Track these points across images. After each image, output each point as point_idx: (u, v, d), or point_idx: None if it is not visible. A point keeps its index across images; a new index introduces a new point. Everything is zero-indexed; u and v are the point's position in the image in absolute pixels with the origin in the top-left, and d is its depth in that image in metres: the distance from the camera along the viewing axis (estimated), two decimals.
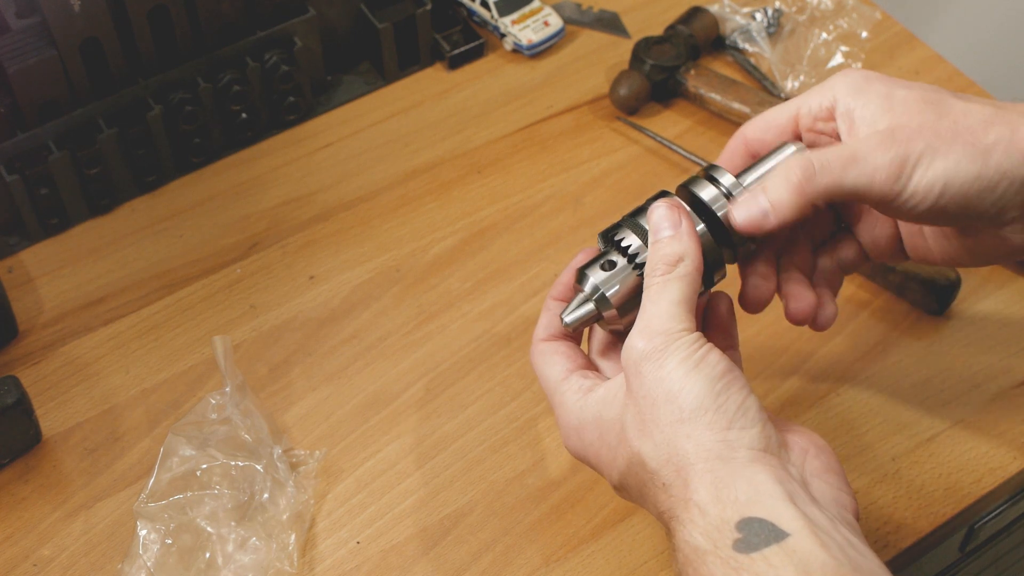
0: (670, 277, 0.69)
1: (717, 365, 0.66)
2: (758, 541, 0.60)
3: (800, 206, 0.70)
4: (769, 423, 0.66)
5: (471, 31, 1.16)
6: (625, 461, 0.68)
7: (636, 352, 0.67)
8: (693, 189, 0.73)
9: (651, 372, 0.66)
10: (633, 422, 0.67)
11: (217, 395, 0.86)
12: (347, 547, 0.84)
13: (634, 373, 0.67)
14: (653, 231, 0.71)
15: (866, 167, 0.69)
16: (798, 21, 1.16)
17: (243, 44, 1.04)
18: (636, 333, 0.68)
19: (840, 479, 0.67)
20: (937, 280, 0.93)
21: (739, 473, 0.63)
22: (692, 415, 0.65)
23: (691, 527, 0.63)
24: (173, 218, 1.04)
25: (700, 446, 0.64)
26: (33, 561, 0.84)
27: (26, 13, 0.97)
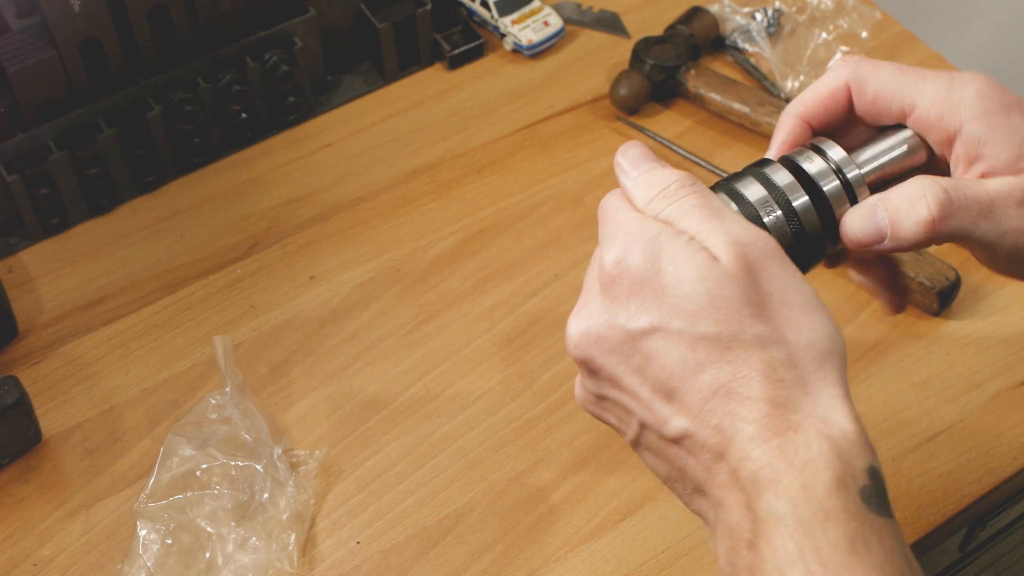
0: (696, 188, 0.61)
1: None
2: (876, 496, 0.56)
3: (923, 241, 0.63)
4: None
5: (471, 31, 1.16)
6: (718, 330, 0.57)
7: (755, 247, 0.58)
8: (798, 160, 0.65)
9: (779, 272, 0.58)
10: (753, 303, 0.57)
11: (217, 395, 0.86)
12: (347, 547, 0.84)
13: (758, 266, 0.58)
14: (626, 172, 0.63)
15: (1000, 225, 0.64)
16: (798, 21, 1.16)
17: (243, 44, 1.04)
18: (739, 228, 0.58)
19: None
20: (937, 280, 0.93)
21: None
22: (829, 352, 0.57)
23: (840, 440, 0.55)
24: (173, 218, 1.04)
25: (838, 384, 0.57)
26: (33, 561, 0.84)
27: (26, 13, 0.97)
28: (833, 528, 0.54)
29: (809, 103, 0.69)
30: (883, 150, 0.67)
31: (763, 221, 0.63)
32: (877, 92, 0.67)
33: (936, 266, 0.94)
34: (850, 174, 0.64)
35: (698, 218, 0.59)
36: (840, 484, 0.55)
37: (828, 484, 0.54)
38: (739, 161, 1.06)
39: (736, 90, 1.08)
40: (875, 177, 0.66)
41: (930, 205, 0.62)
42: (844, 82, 0.68)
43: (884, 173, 0.67)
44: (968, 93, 0.66)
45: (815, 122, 0.69)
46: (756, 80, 1.13)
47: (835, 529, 0.54)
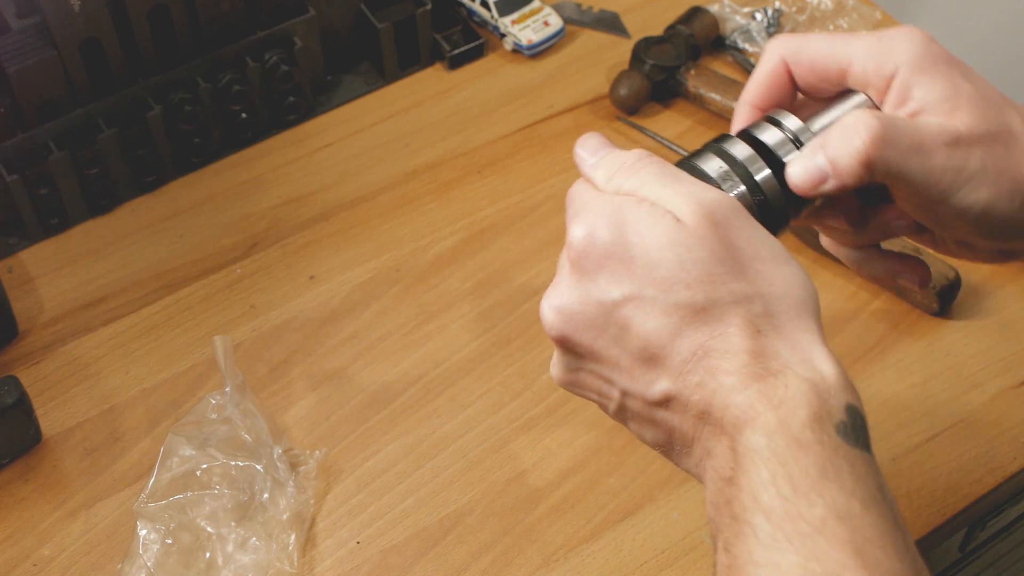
0: (651, 158, 0.62)
1: None
2: (856, 435, 0.57)
3: (862, 175, 0.64)
4: None
5: (471, 31, 1.16)
6: (710, 291, 0.58)
7: (719, 206, 0.59)
8: (755, 133, 0.65)
9: (745, 229, 0.59)
10: (725, 261, 0.58)
11: (217, 395, 0.86)
12: (347, 547, 0.84)
13: (726, 225, 0.59)
14: (585, 160, 0.64)
15: (927, 163, 0.65)
16: (798, 21, 1.16)
17: (243, 44, 1.04)
18: (699, 190, 0.59)
19: None
20: (937, 280, 0.93)
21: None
22: (805, 302, 0.59)
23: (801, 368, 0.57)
24: (173, 218, 1.04)
25: (814, 331, 0.59)
26: (33, 561, 0.84)
27: (26, 13, 0.97)
28: (805, 456, 0.55)
29: (754, 89, 0.70)
30: (836, 115, 0.67)
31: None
32: (813, 60, 0.68)
33: (936, 266, 0.94)
34: (806, 141, 0.65)
35: (659, 184, 0.60)
36: (816, 419, 0.56)
37: (804, 419, 0.56)
38: None
39: (736, 90, 1.08)
40: None
41: (863, 137, 0.63)
42: (780, 58, 0.69)
43: None
44: (899, 42, 0.67)
45: (765, 105, 0.70)
46: None
47: (807, 457, 0.55)
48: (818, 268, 0.98)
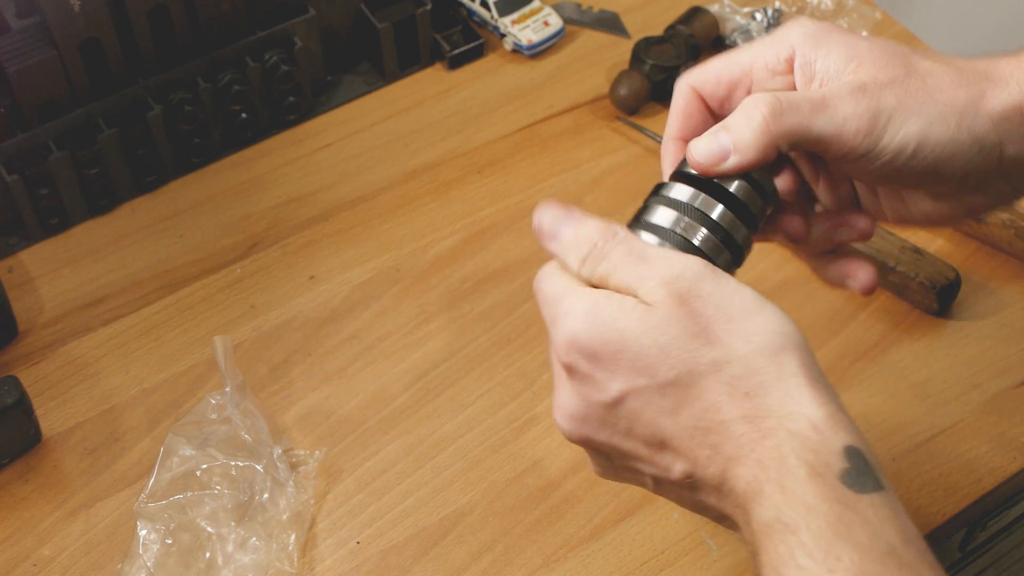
0: (621, 236, 0.63)
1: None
2: (863, 481, 0.57)
3: (764, 147, 0.64)
4: None
5: (471, 31, 1.16)
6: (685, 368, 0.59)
7: (684, 279, 0.60)
8: (687, 170, 0.66)
9: (713, 292, 0.60)
10: (697, 334, 0.59)
11: (217, 395, 0.86)
12: (347, 547, 0.84)
13: (692, 294, 0.60)
14: (551, 237, 0.64)
15: (836, 115, 0.65)
16: None
17: (243, 44, 1.04)
18: (663, 265, 0.61)
19: None
20: (937, 280, 0.93)
21: (838, 401, 0.61)
22: (783, 334, 0.60)
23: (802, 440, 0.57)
24: (173, 218, 1.04)
25: (802, 365, 0.59)
26: (33, 561, 0.84)
27: (26, 13, 0.97)
28: (816, 519, 0.55)
29: (674, 123, 0.71)
30: None
31: (693, 244, 0.64)
32: (717, 76, 0.70)
33: (936, 266, 0.94)
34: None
35: (628, 268, 0.61)
36: (815, 475, 0.56)
37: (803, 479, 0.56)
38: None
39: None
40: None
41: (761, 110, 0.64)
42: (688, 88, 0.70)
43: None
44: (792, 29, 0.69)
45: (688, 136, 0.70)
46: None
47: (818, 520, 0.55)
48: None
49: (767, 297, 0.65)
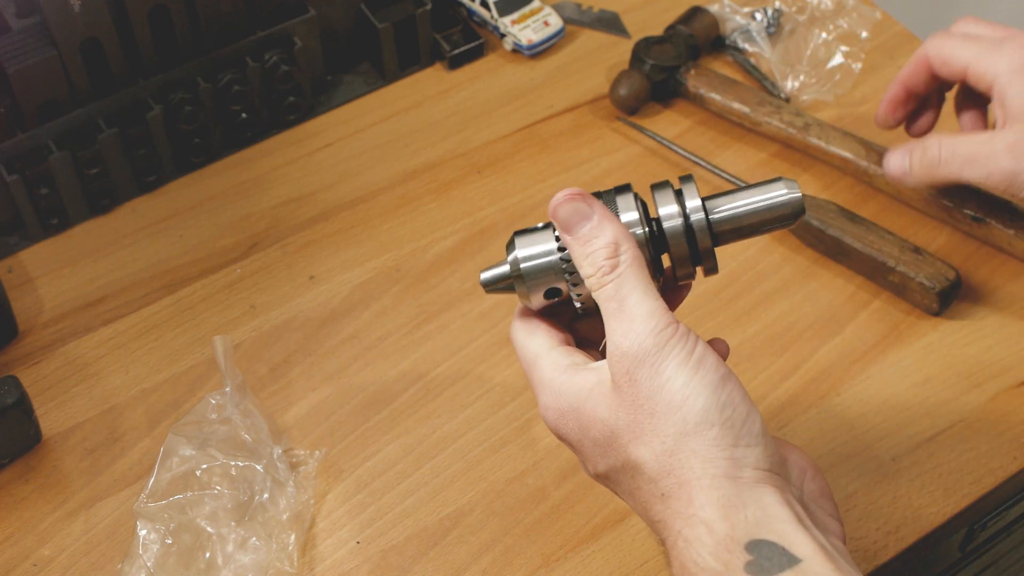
0: (621, 270, 0.65)
1: (717, 369, 0.63)
2: (771, 565, 0.59)
3: (924, 183, 0.91)
4: (771, 440, 0.64)
5: (471, 31, 1.16)
6: (617, 462, 0.66)
7: (628, 357, 0.64)
8: (656, 197, 0.69)
9: (647, 379, 0.63)
10: (627, 428, 0.64)
11: (217, 395, 0.86)
12: (347, 547, 0.84)
13: (627, 380, 0.64)
14: (566, 227, 0.67)
15: (984, 169, 0.85)
16: (798, 21, 1.16)
17: (243, 44, 1.04)
18: (620, 336, 0.64)
19: (832, 504, 0.67)
20: (937, 280, 0.93)
21: (747, 493, 0.61)
22: (697, 428, 0.62)
23: (698, 545, 0.61)
24: (173, 218, 1.04)
25: (707, 462, 0.62)
26: (33, 561, 0.84)
27: (26, 13, 0.97)
28: None
29: (904, 72, 0.95)
30: (748, 198, 0.70)
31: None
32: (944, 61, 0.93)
33: (936, 266, 0.94)
34: (697, 227, 0.68)
35: (610, 312, 0.66)
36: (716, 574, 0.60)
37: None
38: (738, 161, 1.06)
39: (736, 90, 1.08)
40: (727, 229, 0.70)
41: (928, 154, 0.89)
42: (924, 56, 0.94)
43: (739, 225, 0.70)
44: (1004, 50, 0.89)
45: (909, 86, 0.96)
46: (756, 80, 1.13)
47: None
48: (817, 268, 0.99)
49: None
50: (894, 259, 0.94)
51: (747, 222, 0.69)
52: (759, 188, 0.69)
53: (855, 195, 1.03)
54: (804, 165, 1.06)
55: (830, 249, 0.98)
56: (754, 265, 0.99)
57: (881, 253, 0.95)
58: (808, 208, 0.98)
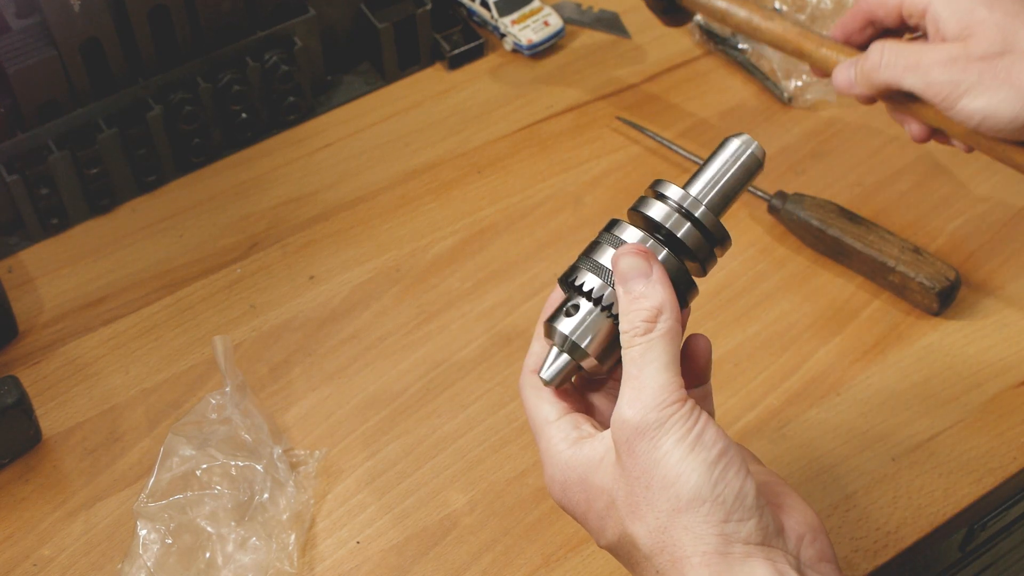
0: (653, 337, 0.66)
1: (715, 445, 0.64)
2: None
3: (869, 89, 0.88)
4: (767, 510, 0.64)
5: (471, 31, 1.16)
6: (615, 536, 0.67)
7: (629, 427, 0.64)
8: (644, 211, 0.70)
9: (645, 452, 0.64)
10: (625, 501, 0.65)
11: (217, 395, 0.86)
12: (347, 547, 0.84)
13: (627, 450, 0.65)
14: (622, 280, 0.67)
15: (923, 78, 0.84)
16: (799, 20, 1.16)
17: (243, 44, 1.04)
18: (626, 404, 0.65)
19: (832, 567, 0.67)
20: (937, 280, 0.93)
21: (737, 568, 0.62)
22: (689, 505, 0.63)
23: None
24: (173, 218, 1.04)
25: (697, 539, 0.62)
26: (33, 561, 0.84)
27: (26, 13, 0.97)
28: None
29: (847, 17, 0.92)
30: (716, 167, 0.71)
31: None
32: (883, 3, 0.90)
33: (936, 266, 0.94)
34: (688, 206, 0.69)
35: (626, 375, 0.66)
36: None
37: None
38: None
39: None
40: (717, 200, 0.71)
41: (866, 61, 0.88)
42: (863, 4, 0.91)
43: (724, 192, 0.71)
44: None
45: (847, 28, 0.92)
46: (758, 80, 1.13)
47: None
48: (818, 268, 0.99)
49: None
50: (894, 259, 0.94)
51: (730, 187, 0.71)
52: (721, 154, 0.72)
53: (855, 195, 1.03)
54: (802, 167, 1.06)
55: (830, 249, 0.98)
56: (754, 265, 0.99)
57: (881, 253, 0.95)
58: (808, 208, 0.98)
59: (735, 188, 0.71)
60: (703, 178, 0.71)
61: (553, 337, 0.69)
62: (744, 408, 0.90)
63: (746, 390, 0.91)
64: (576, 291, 0.69)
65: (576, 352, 0.69)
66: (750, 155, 0.71)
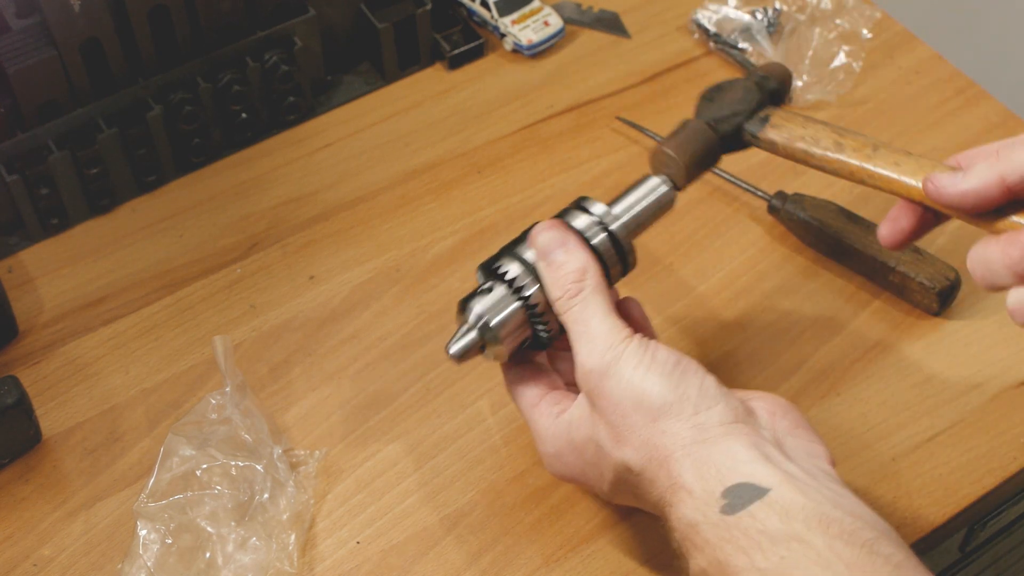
0: (585, 294, 0.73)
1: (668, 359, 0.71)
2: (742, 502, 0.64)
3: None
4: (732, 394, 0.70)
5: (471, 31, 1.16)
6: (612, 472, 0.73)
7: (593, 375, 0.71)
8: (567, 220, 0.77)
9: (611, 386, 0.71)
10: (607, 436, 0.71)
11: (217, 395, 0.86)
12: (347, 547, 0.84)
13: (597, 394, 0.71)
14: (543, 254, 0.75)
15: None
16: (798, 20, 1.16)
17: (243, 44, 1.04)
18: (584, 356, 0.72)
19: (809, 432, 0.71)
20: (937, 280, 0.93)
21: (715, 448, 0.67)
22: (660, 411, 0.69)
23: (681, 506, 0.67)
24: (173, 218, 1.04)
25: (675, 437, 0.68)
26: (33, 561, 0.84)
27: (26, 13, 0.97)
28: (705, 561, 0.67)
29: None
30: (636, 196, 0.81)
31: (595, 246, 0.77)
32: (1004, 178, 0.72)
33: (936, 266, 0.94)
34: (609, 223, 0.77)
35: (575, 334, 0.73)
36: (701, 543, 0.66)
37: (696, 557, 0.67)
38: (738, 161, 1.06)
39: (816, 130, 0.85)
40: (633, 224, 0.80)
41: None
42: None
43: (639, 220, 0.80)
44: None
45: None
46: None
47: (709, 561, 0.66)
48: (818, 268, 0.99)
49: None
50: (894, 259, 0.94)
51: (644, 218, 0.80)
52: (641, 188, 0.81)
53: (855, 195, 1.03)
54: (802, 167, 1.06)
55: (830, 249, 0.98)
56: (754, 265, 0.99)
57: (881, 253, 0.95)
58: (808, 208, 0.98)
59: (648, 220, 0.80)
60: (624, 202, 0.80)
61: (467, 314, 0.76)
62: None
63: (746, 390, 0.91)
64: (495, 276, 0.76)
65: (485, 330, 0.75)
66: (667, 194, 0.80)
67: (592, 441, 0.73)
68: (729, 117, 0.86)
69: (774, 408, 0.72)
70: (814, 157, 0.85)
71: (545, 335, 0.77)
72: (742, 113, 0.86)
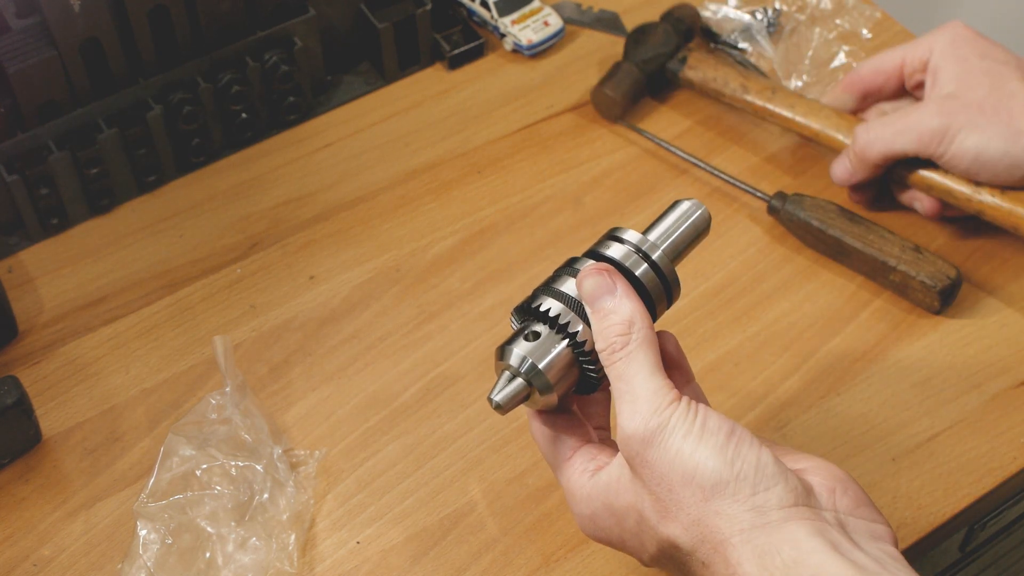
0: (631, 349, 0.67)
1: (720, 429, 0.65)
2: None
3: (866, 169, 0.94)
4: (791, 474, 0.65)
5: (471, 31, 1.16)
6: (655, 546, 0.67)
7: (635, 440, 0.65)
8: (602, 251, 0.72)
9: (658, 457, 0.65)
10: (653, 509, 0.66)
11: (217, 395, 0.86)
12: (347, 547, 0.84)
13: (640, 463, 0.66)
14: (590, 301, 0.69)
15: (914, 132, 0.90)
16: (798, 20, 1.16)
17: (243, 44, 1.04)
18: (626, 419, 0.66)
19: (871, 510, 0.67)
20: (938, 279, 0.93)
21: (777, 536, 0.62)
22: (714, 490, 0.63)
23: None
24: (173, 218, 1.04)
25: (732, 520, 0.63)
26: (33, 561, 0.84)
27: (26, 13, 0.97)
28: None
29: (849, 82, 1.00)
30: (669, 222, 0.75)
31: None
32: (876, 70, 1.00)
33: (937, 265, 0.94)
34: (647, 249, 0.72)
35: (618, 392, 0.68)
36: None
37: None
38: (736, 162, 1.06)
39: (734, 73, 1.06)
40: (671, 248, 0.74)
41: (857, 143, 0.95)
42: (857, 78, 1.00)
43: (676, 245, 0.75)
44: (938, 35, 0.93)
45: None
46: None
47: None
48: (818, 268, 0.99)
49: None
50: (895, 258, 0.94)
51: (683, 244, 0.75)
52: (673, 213, 0.75)
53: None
54: (801, 167, 1.06)
55: (830, 249, 0.98)
56: (754, 265, 0.99)
57: (882, 253, 0.95)
58: (808, 208, 0.98)
59: (688, 245, 0.75)
60: (659, 228, 0.74)
61: (507, 359, 0.69)
62: (744, 408, 0.90)
63: (746, 390, 0.91)
64: (534, 315, 0.70)
65: (533, 375, 0.69)
66: (702, 216, 0.75)
67: (634, 510, 0.67)
68: (654, 58, 1.08)
69: (833, 484, 0.66)
70: (725, 96, 1.05)
71: (595, 376, 0.71)
72: (664, 55, 1.08)
